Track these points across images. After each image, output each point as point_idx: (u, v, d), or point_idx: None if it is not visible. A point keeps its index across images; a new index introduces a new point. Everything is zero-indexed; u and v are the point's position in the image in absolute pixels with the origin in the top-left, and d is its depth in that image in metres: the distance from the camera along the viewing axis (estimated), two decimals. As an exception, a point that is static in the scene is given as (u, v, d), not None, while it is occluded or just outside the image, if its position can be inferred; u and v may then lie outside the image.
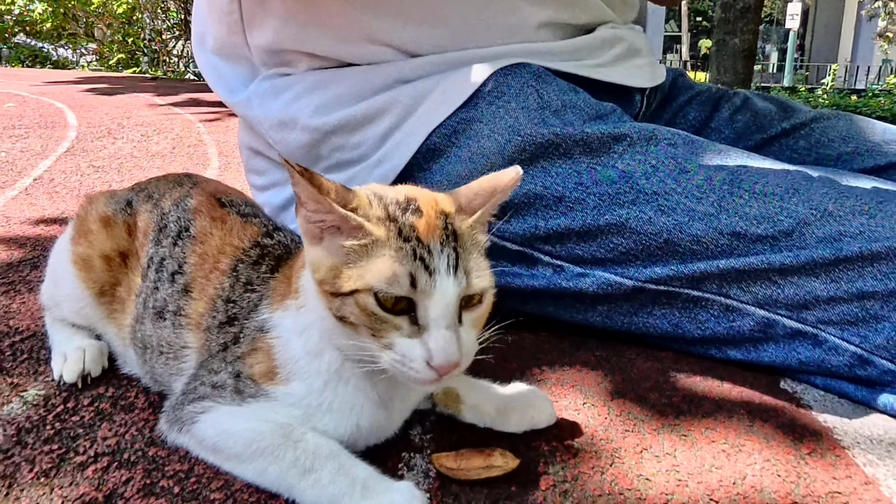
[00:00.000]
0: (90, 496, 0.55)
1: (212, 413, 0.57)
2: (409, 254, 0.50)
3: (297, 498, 0.53)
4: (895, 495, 0.58)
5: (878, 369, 0.71)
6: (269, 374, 0.57)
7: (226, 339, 0.60)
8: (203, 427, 0.57)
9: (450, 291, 0.50)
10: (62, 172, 1.84)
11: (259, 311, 0.59)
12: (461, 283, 0.51)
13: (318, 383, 0.56)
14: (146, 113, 3.05)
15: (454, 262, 0.51)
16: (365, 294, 0.50)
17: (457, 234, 0.53)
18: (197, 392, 0.59)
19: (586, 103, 0.84)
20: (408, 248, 0.50)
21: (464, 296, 0.51)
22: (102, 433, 0.63)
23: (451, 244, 0.51)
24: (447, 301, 0.50)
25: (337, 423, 0.57)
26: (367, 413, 0.57)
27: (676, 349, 0.83)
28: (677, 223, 0.76)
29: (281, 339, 0.57)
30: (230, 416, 0.57)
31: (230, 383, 0.57)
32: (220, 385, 0.58)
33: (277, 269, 0.62)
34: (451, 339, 0.50)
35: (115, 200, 0.74)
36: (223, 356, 0.59)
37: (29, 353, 0.79)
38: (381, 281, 0.49)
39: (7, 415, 0.66)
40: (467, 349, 0.52)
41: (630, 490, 0.57)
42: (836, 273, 0.71)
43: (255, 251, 0.64)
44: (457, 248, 0.52)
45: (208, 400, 0.58)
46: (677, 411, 0.70)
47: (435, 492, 0.56)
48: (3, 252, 1.15)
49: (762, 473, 0.60)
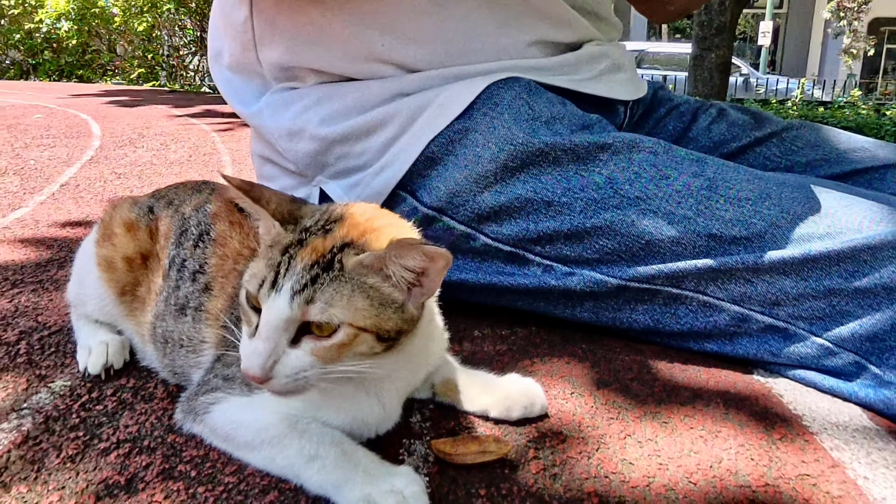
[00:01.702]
0: (113, 479, 0.55)
1: (223, 404, 0.57)
2: (274, 263, 0.50)
3: (304, 483, 0.53)
4: (859, 477, 0.58)
5: (843, 360, 0.71)
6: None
7: (239, 334, 0.60)
8: (215, 417, 0.57)
9: (277, 310, 0.48)
10: (87, 179, 1.83)
11: None
12: (294, 308, 0.48)
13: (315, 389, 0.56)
14: (165, 123, 3.04)
15: (300, 287, 0.48)
16: (245, 277, 0.52)
17: (336, 266, 0.49)
18: (210, 384, 0.59)
19: (574, 114, 0.84)
20: (276, 258, 0.50)
21: (300, 322, 0.48)
22: (124, 421, 0.63)
23: (317, 271, 0.49)
24: (272, 318, 0.48)
25: (336, 414, 0.56)
26: (363, 406, 0.57)
27: (657, 342, 0.83)
28: (658, 226, 0.76)
29: None
30: (240, 407, 0.57)
31: (240, 376, 0.57)
32: (230, 378, 0.58)
33: None
34: (259, 352, 0.48)
35: (138, 206, 0.73)
36: (235, 351, 0.59)
37: (56, 347, 0.79)
38: (248, 274, 0.51)
39: (36, 404, 0.66)
40: (284, 370, 0.49)
41: (615, 473, 0.58)
42: (804, 272, 0.71)
43: None
44: (318, 277, 0.48)
45: (220, 391, 0.58)
46: (658, 400, 0.70)
47: (434, 475, 0.56)
48: (32, 253, 1.15)
49: (737, 457, 0.60)
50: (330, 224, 0.52)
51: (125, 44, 7.51)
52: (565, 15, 0.92)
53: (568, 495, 0.54)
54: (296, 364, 0.49)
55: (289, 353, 0.49)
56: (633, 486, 0.56)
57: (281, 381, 0.49)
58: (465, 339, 0.83)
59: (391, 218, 0.56)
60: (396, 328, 0.51)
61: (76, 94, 4.55)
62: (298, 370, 0.49)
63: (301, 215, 0.54)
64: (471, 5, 0.86)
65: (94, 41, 7.45)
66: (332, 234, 0.51)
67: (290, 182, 0.97)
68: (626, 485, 0.56)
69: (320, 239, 0.50)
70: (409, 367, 0.60)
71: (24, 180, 1.76)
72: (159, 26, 7.26)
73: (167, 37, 7.41)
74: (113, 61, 7.58)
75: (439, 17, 0.85)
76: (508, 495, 0.54)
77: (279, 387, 0.49)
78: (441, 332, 0.65)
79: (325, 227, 0.52)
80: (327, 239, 0.51)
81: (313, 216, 0.54)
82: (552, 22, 0.91)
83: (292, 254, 0.50)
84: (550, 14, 0.91)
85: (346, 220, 0.53)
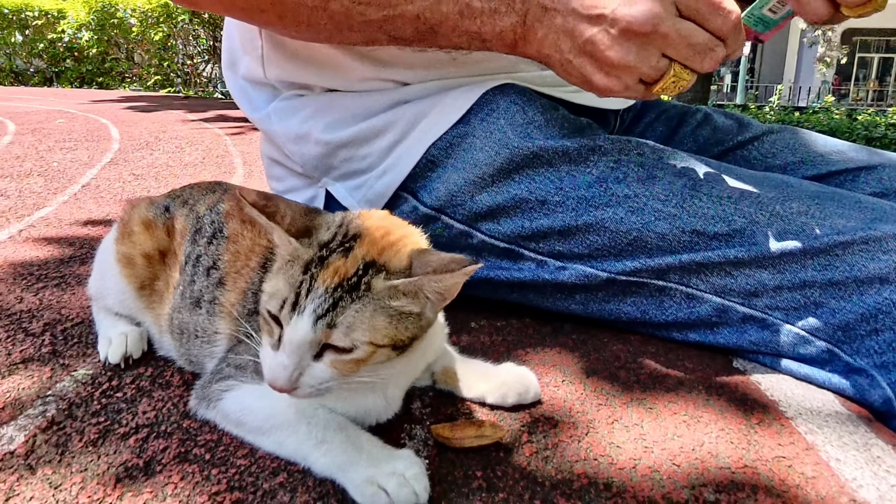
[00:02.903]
0: (132, 462, 0.55)
1: (235, 391, 0.57)
2: (295, 282, 0.49)
3: (311, 466, 0.53)
4: (831, 459, 0.58)
5: (817, 349, 0.71)
6: None
7: (253, 325, 0.60)
8: (228, 403, 0.57)
9: (301, 332, 0.48)
10: (106, 180, 1.83)
11: None
12: (317, 332, 0.47)
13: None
14: (179, 127, 3.03)
15: (323, 311, 0.47)
16: (265, 296, 0.51)
17: (364, 287, 0.48)
18: (223, 373, 0.59)
19: (566, 119, 0.84)
20: (297, 277, 0.49)
21: (322, 343, 0.48)
22: (142, 407, 0.63)
23: (341, 293, 0.48)
24: (296, 338, 0.48)
25: (341, 403, 0.56)
26: (367, 398, 0.57)
27: (643, 332, 0.83)
28: (645, 222, 0.76)
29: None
30: (251, 394, 0.57)
31: (251, 365, 0.57)
32: (242, 366, 0.58)
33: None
34: (284, 366, 0.48)
35: (155, 206, 0.73)
36: (247, 343, 0.59)
37: (78, 338, 0.79)
38: (268, 291, 0.50)
39: (60, 391, 0.66)
40: (309, 380, 0.49)
41: (603, 456, 0.58)
42: (781, 265, 0.71)
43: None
44: (343, 299, 0.48)
45: (232, 379, 0.58)
46: (644, 387, 0.70)
47: (433, 458, 0.56)
48: (55, 250, 1.15)
49: (717, 441, 0.60)
50: (348, 241, 0.51)
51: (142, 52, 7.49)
52: None
53: (559, 476, 0.55)
54: (319, 376, 0.49)
55: (312, 366, 0.49)
56: (620, 467, 0.56)
57: (305, 390, 0.50)
58: (462, 330, 0.83)
59: (404, 228, 0.55)
60: (413, 336, 0.52)
61: (96, 100, 4.53)
62: (322, 381, 0.50)
63: (315, 226, 0.53)
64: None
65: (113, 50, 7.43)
66: (353, 253, 0.50)
67: (297, 182, 0.97)
68: (614, 466, 0.56)
69: (342, 259, 0.49)
70: (413, 361, 0.60)
71: (47, 181, 1.76)
72: (174, 36, 7.24)
73: (182, 46, 7.39)
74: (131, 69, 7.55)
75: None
76: (503, 476, 0.54)
77: (303, 395, 0.50)
78: (442, 326, 0.65)
79: (344, 245, 0.50)
80: (349, 259, 0.49)
81: (328, 229, 0.53)
82: None
83: (314, 273, 0.49)
84: None
85: (365, 238, 0.51)
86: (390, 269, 0.50)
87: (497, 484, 0.53)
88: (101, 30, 7.18)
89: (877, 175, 0.89)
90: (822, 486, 0.54)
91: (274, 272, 0.52)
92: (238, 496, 0.51)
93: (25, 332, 0.80)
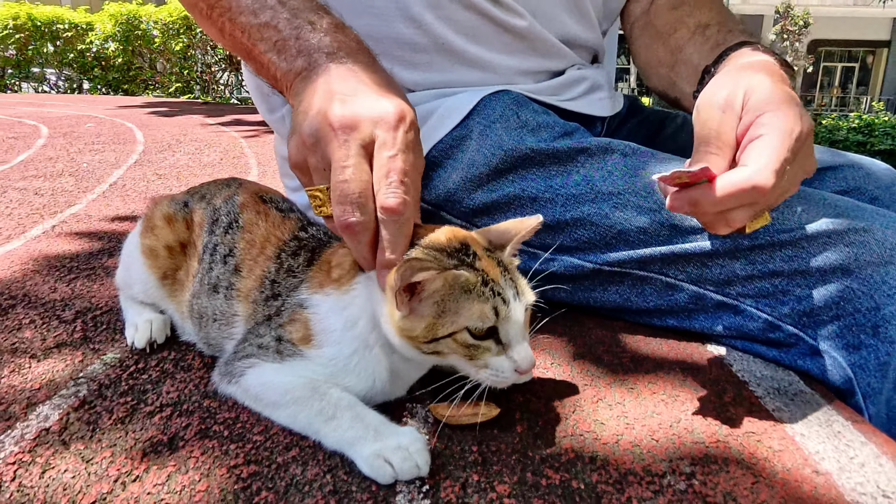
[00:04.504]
0: (157, 438, 0.55)
1: (257, 368, 0.57)
2: (490, 294, 0.51)
3: (322, 440, 0.54)
4: (796, 434, 0.58)
5: (784, 333, 0.71)
6: (305, 339, 0.57)
7: (269, 311, 0.60)
8: (249, 379, 0.57)
9: (519, 313, 0.52)
10: (132, 179, 1.82)
11: (299, 292, 0.59)
12: (524, 303, 0.53)
13: (347, 350, 0.56)
14: (199, 131, 3.02)
15: (516, 290, 0.53)
16: (461, 333, 0.51)
17: (505, 265, 0.54)
18: (245, 352, 0.59)
19: (556, 123, 0.83)
20: (487, 290, 0.51)
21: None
22: (166, 388, 0.63)
23: (507, 276, 0.53)
24: (519, 321, 0.53)
25: (357, 382, 0.57)
26: (380, 377, 0.57)
27: (626, 319, 0.83)
28: (628, 217, 0.75)
29: (318, 315, 0.57)
30: (271, 372, 0.57)
31: (273, 345, 0.57)
32: (264, 346, 0.58)
33: (313, 260, 0.62)
34: (527, 348, 0.53)
35: (176, 202, 0.73)
36: (268, 324, 0.59)
37: (107, 324, 0.79)
38: (475, 320, 0.51)
39: (90, 374, 0.66)
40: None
41: (588, 432, 0.58)
42: (752, 256, 0.71)
43: (294, 243, 0.64)
44: (512, 278, 0.53)
45: (254, 358, 0.58)
46: (626, 369, 0.70)
47: (433, 435, 0.57)
48: (85, 244, 1.15)
49: (693, 418, 0.61)
50: (463, 249, 0.53)
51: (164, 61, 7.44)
52: (558, 50, 0.91)
53: (548, 451, 0.55)
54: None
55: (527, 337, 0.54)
56: (604, 442, 0.56)
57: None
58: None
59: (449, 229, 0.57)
60: None
61: (122, 105, 4.51)
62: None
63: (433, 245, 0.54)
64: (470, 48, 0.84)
65: (138, 59, 7.39)
66: (477, 252, 0.53)
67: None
68: (598, 441, 0.56)
69: (482, 260, 0.53)
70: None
71: (78, 181, 1.75)
72: (194, 46, 7.19)
73: (200, 55, 7.34)
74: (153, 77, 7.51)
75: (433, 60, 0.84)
76: (497, 451, 0.54)
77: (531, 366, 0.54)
78: None
79: (467, 253, 0.53)
80: (483, 257, 0.53)
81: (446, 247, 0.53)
82: (544, 55, 0.90)
83: (492, 278, 0.52)
84: (545, 51, 0.89)
85: (470, 239, 0.55)
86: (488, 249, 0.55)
87: (491, 458, 0.53)
88: (126, 41, 7.13)
89: (840, 174, 0.89)
90: (788, 459, 0.54)
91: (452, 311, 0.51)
92: (254, 469, 0.51)
93: (59, 320, 0.79)
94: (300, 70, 0.60)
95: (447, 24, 0.82)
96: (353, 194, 0.52)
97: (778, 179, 0.54)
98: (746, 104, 0.59)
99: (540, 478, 0.51)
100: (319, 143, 0.54)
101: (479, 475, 0.51)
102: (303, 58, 0.61)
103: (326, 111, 0.54)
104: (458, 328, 0.51)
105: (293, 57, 0.61)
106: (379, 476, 0.50)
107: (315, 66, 0.59)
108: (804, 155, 0.58)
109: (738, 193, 0.54)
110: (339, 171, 0.53)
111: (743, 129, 0.58)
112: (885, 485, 0.51)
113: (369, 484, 0.50)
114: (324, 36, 0.61)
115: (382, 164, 0.53)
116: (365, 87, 0.57)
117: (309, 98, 0.57)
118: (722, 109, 0.60)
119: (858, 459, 0.55)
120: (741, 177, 0.54)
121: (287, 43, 0.62)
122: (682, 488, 0.50)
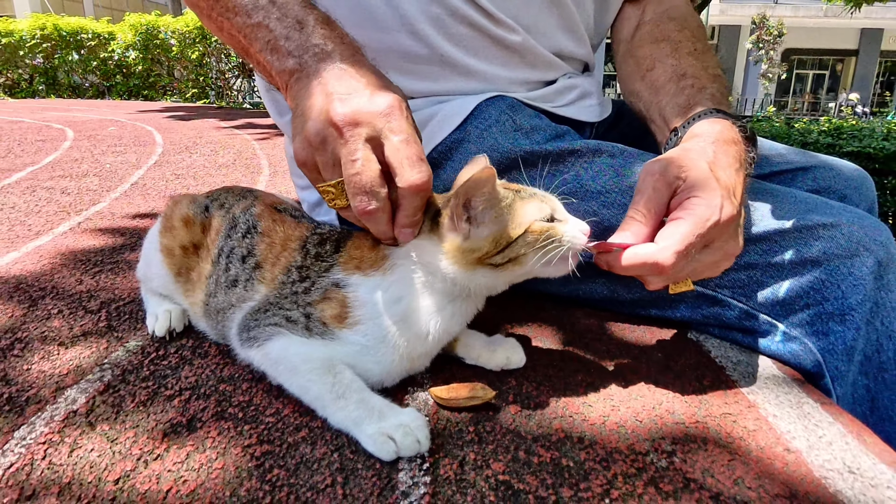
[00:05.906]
0: (176, 420, 0.55)
1: (283, 338, 0.56)
2: (528, 195, 0.58)
3: (329, 417, 0.53)
4: (770, 415, 0.59)
5: (759, 322, 0.71)
6: (338, 318, 0.56)
7: (297, 289, 0.58)
8: (273, 346, 0.56)
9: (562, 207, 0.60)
10: (152, 179, 1.81)
11: (332, 272, 0.58)
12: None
13: (379, 334, 0.56)
14: (214, 134, 3.01)
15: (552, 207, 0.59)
16: (534, 224, 0.55)
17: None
18: (274, 320, 0.57)
19: (548, 126, 0.83)
20: (526, 194, 0.58)
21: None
22: (185, 373, 0.63)
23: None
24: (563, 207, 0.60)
25: (375, 365, 0.56)
26: (397, 366, 0.58)
27: (612, 309, 0.83)
28: (615, 214, 0.75)
29: (358, 295, 0.57)
30: (297, 343, 0.56)
31: (302, 321, 0.56)
32: (293, 320, 0.56)
33: (339, 247, 0.61)
34: (575, 218, 0.59)
35: (196, 204, 0.72)
36: (294, 299, 0.58)
37: (130, 314, 0.79)
38: (537, 212, 0.56)
39: (114, 360, 0.66)
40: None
41: (577, 413, 0.58)
42: (729, 251, 0.71)
43: (316, 237, 0.63)
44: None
45: (283, 327, 0.56)
46: (612, 355, 0.70)
47: (432, 416, 0.57)
48: (109, 239, 1.14)
49: (674, 400, 0.61)
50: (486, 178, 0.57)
51: (181, 69, 7.41)
52: (551, 63, 0.90)
53: (539, 431, 0.55)
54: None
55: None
56: (591, 423, 0.56)
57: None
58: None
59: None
60: None
61: (142, 110, 4.49)
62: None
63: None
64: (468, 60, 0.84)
65: (157, 67, 7.35)
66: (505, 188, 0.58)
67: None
68: (586, 423, 0.56)
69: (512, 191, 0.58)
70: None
71: (101, 180, 1.74)
72: (209, 54, 7.16)
73: (215, 63, 7.30)
74: (171, 83, 7.48)
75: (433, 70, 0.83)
76: (492, 431, 0.55)
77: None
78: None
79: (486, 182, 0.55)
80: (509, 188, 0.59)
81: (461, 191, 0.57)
82: (537, 67, 0.89)
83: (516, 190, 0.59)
84: (539, 64, 0.89)
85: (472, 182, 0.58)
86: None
87: (487, 437, 0.54)
88: (145, 49, 7.10)
89: (811, 175, 0.89)
90: (762, 438, 0.55)
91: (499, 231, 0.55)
92: (267, 448, 0.51)
93: (85, 310, 0.79)
94: (292, 70, 0.60)
95: (447, 39, 0.82)
96: (367, 185, 0.53)
97: (678, 261, 0.55)
98: (685, 181, 0.59)
99: (532, 456, 0.51)
100: (326, 141, 0.55)
101: (476, 453, 0.51)
102: (293, 58, 0.60)
103: (329, 111, 0.54)
104: (529, 222, 0.55)
105: (284, 57, 0.61)
106: (382, 452, 0.50)
107: (305, 67, 0.59)
108: (724, 239, 0.58)
109: (640, 266, 0.56)
110: (349, 166, 0.53)
111: (675, 203, 0.59)
112: (851, 461, 0.52)
113: (374, 462, 0.50)
114: (311, 34, 0.61)
115: (398, 149, 0.53)
116: (360, 84, 0.57)
117: (307, 101, 0.57)
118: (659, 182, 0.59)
119: (826, 438, 0.55)
120: (646, 252, 0.56)
121: (278, 43, 0.61)
122: (663, 465, 0.50)
